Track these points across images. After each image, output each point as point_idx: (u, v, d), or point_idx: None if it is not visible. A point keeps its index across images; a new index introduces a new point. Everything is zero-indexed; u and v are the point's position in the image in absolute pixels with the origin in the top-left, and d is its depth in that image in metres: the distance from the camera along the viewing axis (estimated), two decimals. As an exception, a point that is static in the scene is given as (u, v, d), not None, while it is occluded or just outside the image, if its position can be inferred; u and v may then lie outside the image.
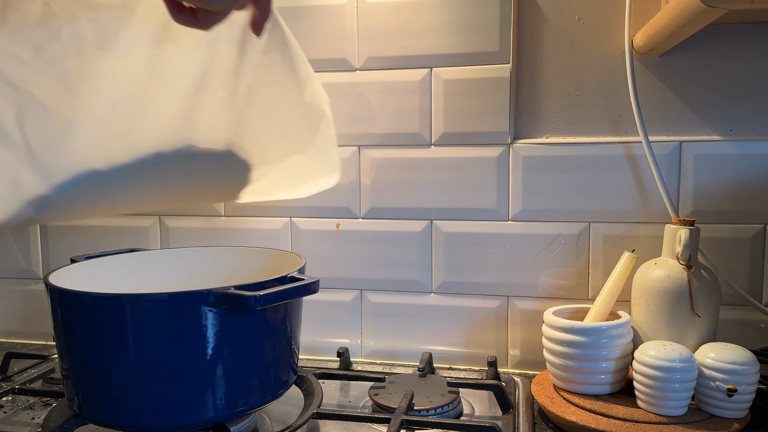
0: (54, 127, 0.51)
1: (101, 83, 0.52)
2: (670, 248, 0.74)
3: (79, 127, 0.52)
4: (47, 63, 0.50)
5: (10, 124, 0.50)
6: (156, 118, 0.54)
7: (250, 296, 0.54)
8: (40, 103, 0.51)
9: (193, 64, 0.55)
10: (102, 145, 0.53)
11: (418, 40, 0.87)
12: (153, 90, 0.54)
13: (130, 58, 0.52)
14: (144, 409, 0.58)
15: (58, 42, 0.50)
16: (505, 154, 0.87)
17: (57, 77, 0.51)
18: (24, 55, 0.50)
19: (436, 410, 0.72)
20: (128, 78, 0.53)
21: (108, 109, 0.53)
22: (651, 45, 0.76)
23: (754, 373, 0.65)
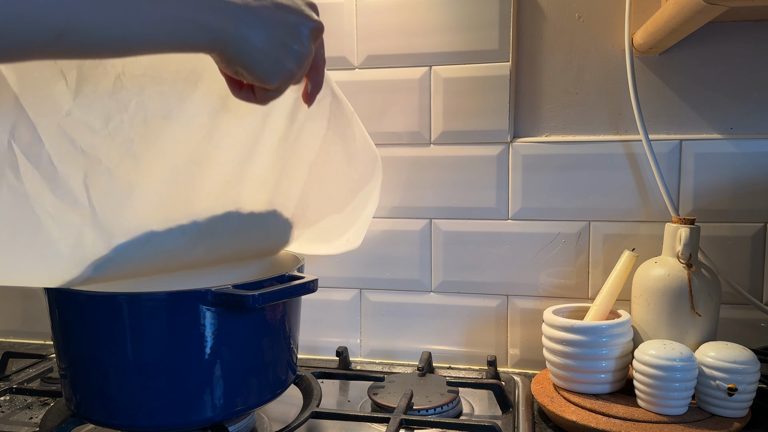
0: (117, 191, 0.55)
1: (163, 150, 0.56)
2: (671, 247, 0.74)
3: (140, 190, 0.55)
4: (115, 131, 0.54)
5: (78, 188, 0.53)
6: (211, 182, 0.58)
7: (249, 295, 0.54)
8: (105, 168, 0.54)
9: (247, 132, 0.59)
10: (161, 207, 0.56)
11: (418, 38, 0.87)
12: (210, 156, 0.57)
13: (191, 127, 0.56)
14: (142, 409, 0.58)
15: (126, 112, 0.54)
16: (505, 153, 0.86)
17: (123, 144, 0.55)
18: (95, 124, 0.54)
19: (435, 410, 0.72)
20: (188, 145, 0.57)
21: (168, 173, 0.56)
22: (651, 43, 0.76)
23: (754, 372, 0.65)
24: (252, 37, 0.47)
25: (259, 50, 0.47)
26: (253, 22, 0.47)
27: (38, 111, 0.51)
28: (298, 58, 0.50)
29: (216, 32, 0.45)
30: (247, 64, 0.48)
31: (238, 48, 0.47)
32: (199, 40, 0.44)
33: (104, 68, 0.53)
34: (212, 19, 0.44)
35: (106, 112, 0.54)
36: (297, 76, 0.52)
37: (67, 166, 0.53)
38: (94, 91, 0.53)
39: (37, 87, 0.51)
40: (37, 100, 0.51)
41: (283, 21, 0.49)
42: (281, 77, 0.50)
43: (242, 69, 0.48)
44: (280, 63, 0.49)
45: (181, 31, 0.43)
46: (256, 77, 0.49)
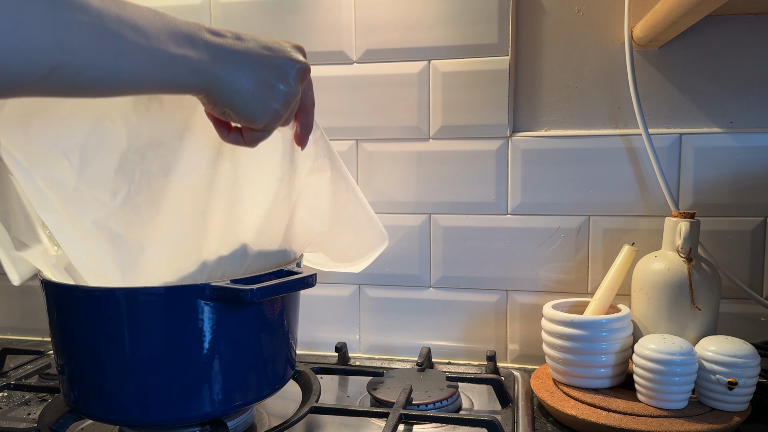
0: (128, 251, 0.57)
1: (168, 207, 0.58)
2: (671, 241, 0.73)
3: (151, 248, 0.57)
4: (123, 202, 0.56)
5: (95, 252, 0.56)
6: (217, 228, 0.59)
7: (247, 290, 0.54)
8: (116, 234, 0.56)
9: (246, 176, 0.60)
10: (172, 260, 0.58)
11: (416, 32, 0.86)
12: (212, 204, 0.59)
13: (191, 179, 0.58)
14: (140, 404, 0.58)
15: (132, 183, 0.57)
16: (504, 148, 0.86)
17: (131, 210, 0.57)
18: (103, 197, 0.56)
19: (434, 404, 0.71)
20: (191, 197, 0.58)
21: (175, 227, 0.58)
22: (651, 36, 0.75)
23: (754, 366, 0.65)
24: (238, 77, 0.48)
25: (246, 90, 0.48)
26: (240, 62, 0.48)
27: (48, 185, 0.54)
28: (284, 98, 0.51)
29: (204, 73, 0.46)
30: (233, 104, 0.48)
31: (225, 88, 0.47)
32: (188, 80, 0.45)
33: (108, 147, 0.55)
34: (201, 60, 0.45)
35: (113, 186, 0.56)
36: (284, 116, 0.53)
37: (81, 234, 0.55)
38: (98, 169, 0.55)
39: (42, 165, 0.53)
40: (45, 176, 0.54)
41: (269, 62, 0.50)
42: (267, 117, 0.51)
43: (229, 109, 0.49)
44: (266, 103, 0.50)
45: (170, 71, 0.44)
46: (242, 117, 0.50)
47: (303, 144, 0.61)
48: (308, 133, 0.61)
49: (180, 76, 0.44)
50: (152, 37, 0.42)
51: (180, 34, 0.44)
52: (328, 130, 0.90)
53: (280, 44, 0.52)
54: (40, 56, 0.36)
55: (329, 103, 0.90)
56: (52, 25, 0.37)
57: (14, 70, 0.36)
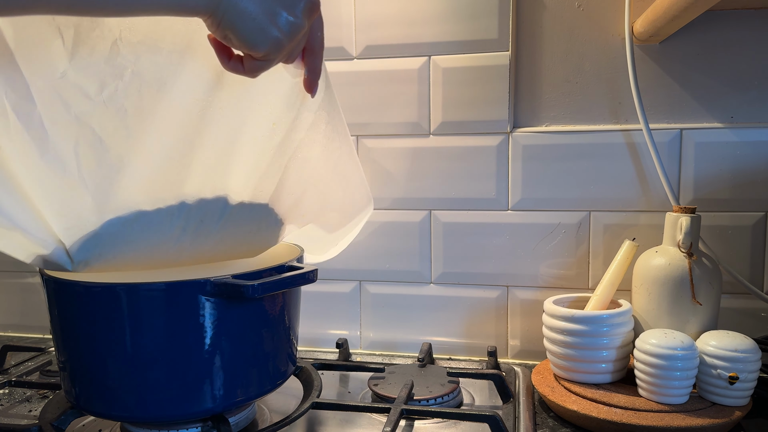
0: (108, 163, 0.54)
1: (155, 124, 0.54)
2: (671, 236, 0.73)
3: (131, 165, 0.54)
4: (109, 99, 0.53)
5: (69, 155, 0.52)
6: (202, 163, 0.56)
7: (248, 285, 0.54)
8: (98, 137, 0.53)
9: (242, 113, 0.57)
10: (151, 186, 0.55)
11: (416, 28, 0.86)
12: (202, 135, 0.56)
13: (184, 102, 0.55)
14: (141, 400, 0.58)
15: (121, 80, 0.53)
16: (505, 143, 0.86)
17: (116, 114, 0.54)
18: (89, 89, 0.53)
19: (436, 400, 0.71)
20: (181, 121, 0.55)
21: (159, 149, 0.55)
22: (651, 31, 0.75)
23: (755, 361, 0.65)
24: (243, 0, 0.47)
25: (249, 13, 0.47)
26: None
27: (33, 69, 0.50)
28: (288, 27, 0.50)
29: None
30: (235, 26, 0.47)
31: (229, 10, 0.46)
32: (196, 0, 0.45)
33: (101, 31, 0.52)
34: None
35: (102, 77, 0.53)
36: (287, 48, 0.51)
37: (59, 131, 0.52)
38: (90, 54, 0.52)
39: (33, 44, 0.50)
40: (32, 58, 0.50)
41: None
42: (269, 44, 0.49)
43: (230, 32, 0.48)
44: (268, 29, 0.49)
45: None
46: (243, 42, 0.49)
47: (312, 90, 0.59)
48: (317, 77, 0.59)
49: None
50: None
51: None
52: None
53: None
54: None
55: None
56: None
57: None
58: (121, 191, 0.54)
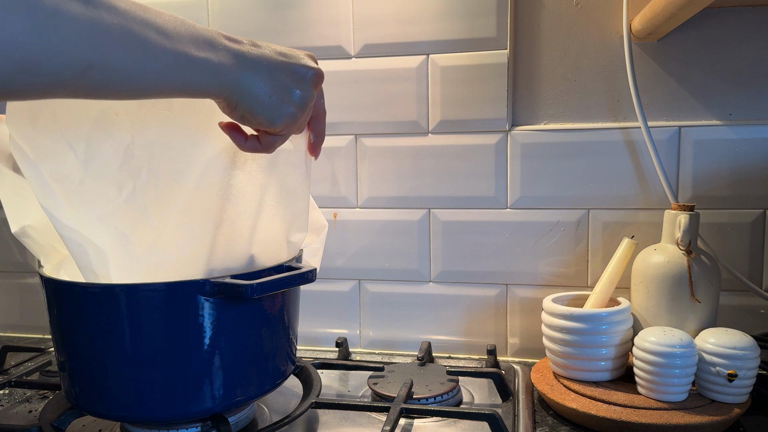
0: (136, 256, 0.56)
1: (177, 211, 0.57)
2: (670, 234, 0.73)
3: (158, 254, 0.57)
4: (129, 199, 0.56)
5: (98, 255, 0.55)
6: (226, 238, 0.59)
7: (247, 285, 0.54)
8: (122, 233, 0.56)
9: (258, 187, 0.60)
10: (180, 267, 0.57)
11: (415, 27, 0.86)
12: (223, 213, 0.58)
13: (202, 186, 0.57)
14: (141, 400, 0.58)
15: (138, 179, 0.56)
16: (504, 142, 0.86)
17: (138, 209, 0.56)
18: (108, 192, 0.55)
19: (435, 398, 0.72)
20: (202, 205, 0.58)
21: (185, 236, 0.57)
22: (649, 29, 0.75)
23: (754, 358, 0.65)
24: (257, 81, 0.49)
25: (264, 94, 0.49)
26: (258, 67, 0.49)
27: (54, 178, 0.54)
28: (301, 101, 0.52)
29: (224, 76, 0.47)
30: (252, 107, 0.49)
31: (244, 92, 0.48)
32: (210, 83, 0.46)
33: (113, 140, 0.56)
34: (221, 63, 0.46)
35: (118, 180, 0.56)
36: (299, 120, 0.53)
37: (87, 231, 0.55)
38: (103, 163, 0.55)
39: (49, 158, 0.54)
40: (51, 170, 0.53)
41: (286, 67, 0.52)
42: (285, 120, 0.52)
43: (247, 113, 0.50)
44: (283, 106, 0.51)
45: (193, 74, 0.45)
46: (260, 121, 0.51)
47: (317, 153, 0.63)
48: (321, 141, 0.62)
49: (202, 79, 0.46)
50: (175, 40, 0.43)
51: (201, 38, 0.46)
52: (326, 125, 0.90)
53: (294, 52, 0.54)
54: (73, 55, 0.38)
55: (328, 99, 0.89)
56: (85, 24, 0.38)
57: (50, 69, 0.37)
58: (152, 277, 0.57)
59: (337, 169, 0.91)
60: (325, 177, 0.92)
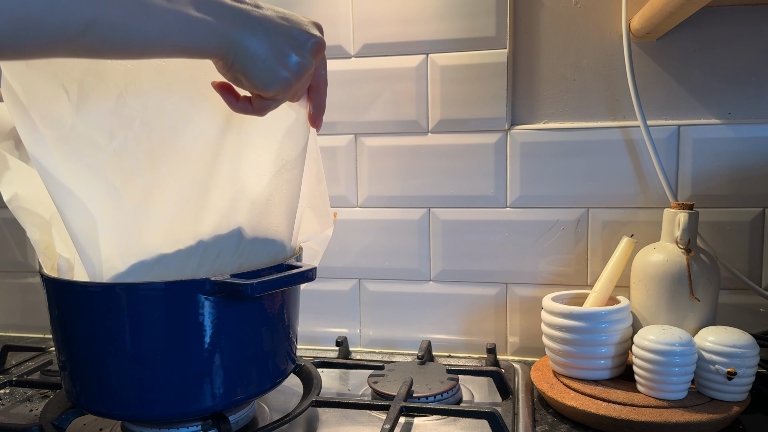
0: (125, 210, 0.55)
1: (170, 170, 0.56)
2: (669, 232, 0.73)
3: (149, 211, 0.56)
4: (120, 148, 0.55)
5: (86, 205, 0.54)
6: (216, 202, 0.58)
7: (247, 284, 0.54)
8: (112, 186, 0.55)
9: (252, 151, 0.59)
10: (170, 229, 0.57)
11: (414, 26, 0.86)
12: (215, 176, 0.58)
13: (196, 147, 0.57)
14: (142, 399, 0.58)
15: (130, 129, 0.55)
16: (503, 141, 0.86)
17: (129, 162, 0.55)
18: (99, 140, 0.54)
19: (435, 397, 0.72)
20: (195, 166, 0.57)
21: (176, 195, 0.56)
22: (648, 28, 0.75)
23: (753, 356, 0.65)
24: (254, 42, 0.48)
25: (259, 55, 0.49)
26: (256, 28, 0.49)
27: (44, 123, 0.53)
28: (297, 68, 0.52)
29: (222, 36, 0.47)
30: (246, 68, 0.49)
31: (240, 52, 0.48)
32: (207, 42, 0.46)
33: (106, 86, 0.55)
34: (220, 23, 0.46)
35: (110, 128, 0.55)
36: (294, 87, 0.53)
37: (74, 180, 0.53)
38: (96, 107, 0.54)
39: (40, 100, 0.53)
40: (42, 113, 0.53)
41: (286, 31, 0.51)
42: (278, 84, 0.51)
43: (241, 74, 0.49)
44: (278, 70, 0.50)
45: (193, 33, 0.45)
46: (254, 83, 0.50)
47: (318, 124, 0.61)
48: (322, 113, 0.61)
49: (200, 39, 0.46)
50: (175, 1, 0.44)
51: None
52: (326, 124, 0.90)
53: (297, 17, 0.53)
54: (75, 12, 0.38)
55: (327, 98, 0.90)
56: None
57: (52, 26, 0.38)
58: (142, 237, 0.56)
59: (337, 168, 0.92)
60: (325, 176, 0.92)
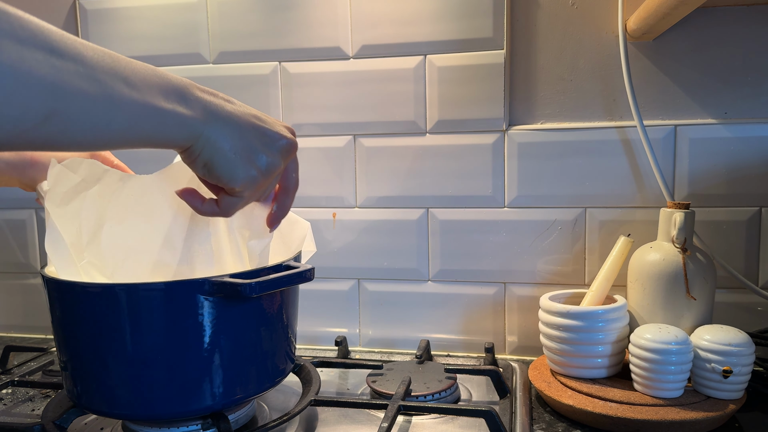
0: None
1: (147, 271, 0.60)
2: (666, 232, 0.74)
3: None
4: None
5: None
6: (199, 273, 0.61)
7: (245, 284, 0.54)
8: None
9: (212, 251, 0.61)
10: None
11: (412, 28, 0.87)
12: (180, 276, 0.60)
13: (165, 255, 0.60)
14: (142, 398, 0.58)
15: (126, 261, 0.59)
16: (501, 141, 0.87)
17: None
18: (104, 271, 0.60)
19: (433, 396, 0.72)
20: (164, 267, 0.60)
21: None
22: (644, 28, 0.76)
23: (749, 355, 0.66)
24: (224, 135, 0.48)
25: (228, 149, 0.49)
26: (227, 122, 0.49)
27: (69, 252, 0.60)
28: (265, 166, 0.51)
29: (191, 128, 0.46)
30: (213, 160, 0.49)
31: (208, 144, 0.48)
32: (176, 133, 0.46)
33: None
34: (190, 116, 0.46)
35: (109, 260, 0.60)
36: (260, 184, 0.52)
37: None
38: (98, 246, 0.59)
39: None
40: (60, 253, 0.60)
41: (257, 129, 0.51)
42: (245, 180, 0.50)
43: (208, 165, 0.49)
44: (246, 166, 0.50)
45: (160, 125, 0.44)
46: (220, 175, 0.50)
47: (273, 225, 0.60)
48: (283, 215, 0.60)
49: (168, 130, 0.45)
50: (144, 91, 0.43)
51: (171, 88, 0.45)
52: (325, 126, 0.91)
53: (270, 118, 0.54)
54: (35, 103, 0.36)
55: (326, 100, 0.91)
56: (49, 72, 0.37)
57: (10, 117, 0.36)
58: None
59: (336, 169, 0.92)
60: (323, 177, 0.93)
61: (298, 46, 0.90)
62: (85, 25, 0.97)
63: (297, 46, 0.90)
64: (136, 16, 0.95)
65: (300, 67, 0.91)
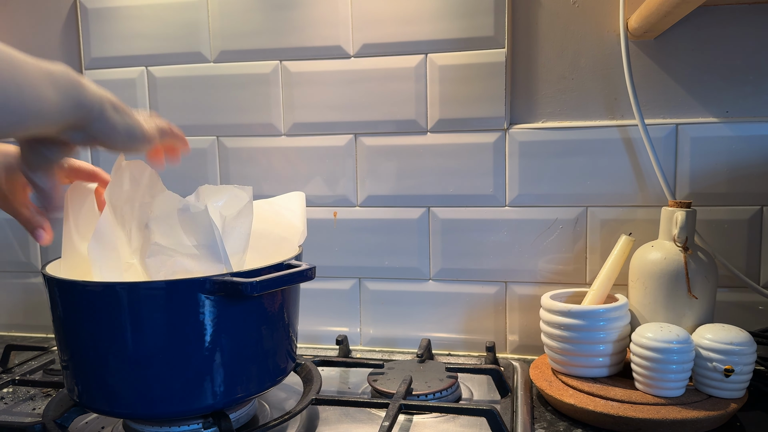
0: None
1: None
2: (667, 231, 0.74)
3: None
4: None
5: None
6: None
7: (246, 283, 0.54)
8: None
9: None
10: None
11: (413, 26, 0.87)
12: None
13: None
14: (143, 397, 0.58)
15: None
16: (502, 140, 0.87)
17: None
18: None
19: (434, 395, 0.72)
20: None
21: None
22: (646, 27, 0.76)
23: (751, 354, 0.65)
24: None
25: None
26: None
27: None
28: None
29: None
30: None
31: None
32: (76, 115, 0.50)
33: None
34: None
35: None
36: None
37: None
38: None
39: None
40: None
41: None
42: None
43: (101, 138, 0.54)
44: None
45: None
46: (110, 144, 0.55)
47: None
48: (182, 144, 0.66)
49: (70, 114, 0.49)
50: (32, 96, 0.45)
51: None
52: (326, 125, 0.91)
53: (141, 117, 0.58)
54: None
55: (327, 99, 0.91)
56: None
57: None
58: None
59: (337, 168, 0.92)
60: (324, 176, 0.93)
61: (299, 45, 0.90)
62: (85, 24, 0.97)
63: (298, 45, 0.90)
64: (137, 15, 0.95)
65: (301, 66, 0.91)
